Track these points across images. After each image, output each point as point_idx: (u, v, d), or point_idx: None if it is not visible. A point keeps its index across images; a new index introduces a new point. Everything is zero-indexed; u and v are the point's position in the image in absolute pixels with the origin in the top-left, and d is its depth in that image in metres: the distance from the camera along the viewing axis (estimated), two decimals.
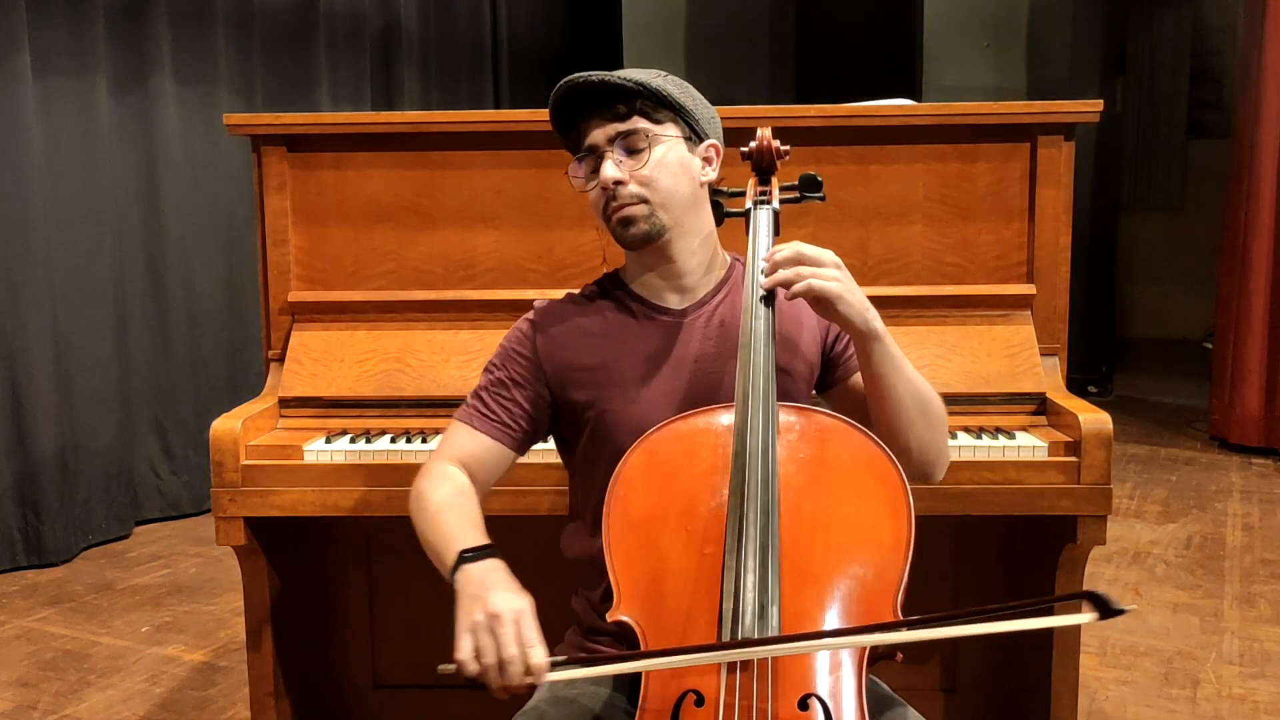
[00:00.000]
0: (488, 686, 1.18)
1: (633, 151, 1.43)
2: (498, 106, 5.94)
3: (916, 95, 5.46)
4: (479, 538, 1.33)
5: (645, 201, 1.42)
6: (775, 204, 1.50)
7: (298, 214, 2.12)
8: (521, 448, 1.51)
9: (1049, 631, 1.94)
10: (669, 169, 1.43)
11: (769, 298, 1.37)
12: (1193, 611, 3.08)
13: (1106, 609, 1.06)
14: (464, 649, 1.19)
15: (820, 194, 1.56)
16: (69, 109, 3.65)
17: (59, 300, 3.61)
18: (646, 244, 1.44)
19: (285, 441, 1.91)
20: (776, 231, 1.48)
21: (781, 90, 6.14)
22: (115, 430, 3.83)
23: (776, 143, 1.53)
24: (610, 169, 1.41)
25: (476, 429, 1.48)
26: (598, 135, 1.43)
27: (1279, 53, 4.64)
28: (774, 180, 1.53)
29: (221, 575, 3.43)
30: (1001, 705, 2.20)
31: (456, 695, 2.23)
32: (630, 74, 1.43)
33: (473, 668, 1.18)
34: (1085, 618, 1.08)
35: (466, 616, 1.21)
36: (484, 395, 1.51)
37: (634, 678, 1.23)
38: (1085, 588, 2.00)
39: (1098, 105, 2.01)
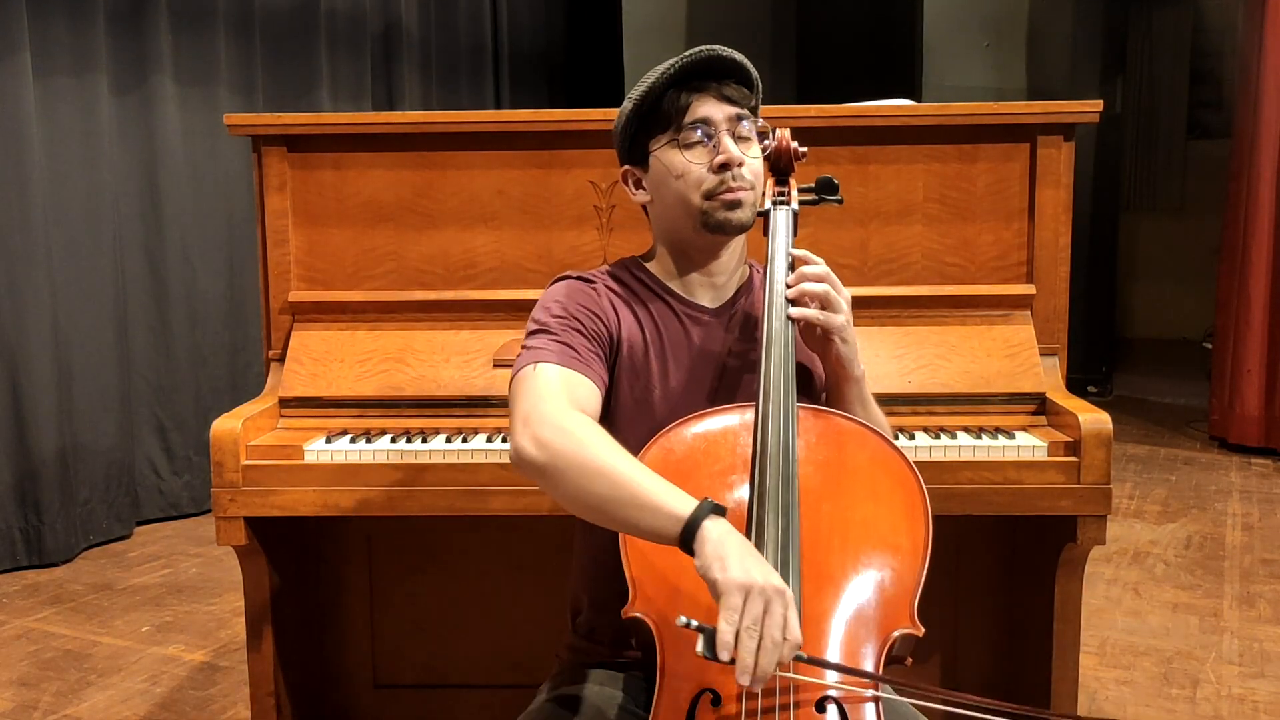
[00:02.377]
0: (738, 661, 1.03)
1: (741, 139, 1.42)
2: (498, 107, 5.94)
3: (916, 95, 5.46)
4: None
5: (751, 189, 1.42)
6: (794, 205, 1.50)
7: (298, 214, 2.12)
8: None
9: (1049, 631, 1.94)
10: (760, 165, 1.46)
11: (791, 301, 1.39)
12: (1192, 611, 3.08)
13: None
14: (733, 604, 1.04)
15: (838, 197, 1.57)
16: (70, 108, 3.65)
17: (59, 300, 3.62)
18: (737, 234, 1.45)
19: (285, 441, 1.91)
20: (795, 232, 1.48)
21: (782, 90, 6.13)
22: (116, 430, 3.83)
23: (794, 144, 1.53)
24: (734, 147, 1.40)
25: (579, 372, 1.33)
26: (715, 111, 1.41)
27: (1279, 53, 4.65)
28: (792, 181, 1.54)
29: (221, 575, 3.43)
30: None
31: (457, 695, 2.23)
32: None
33: (729, 638, 1.04)
34: None
35: (743, 575, 1.05)
36: (570, 342, 1.36)
37: (646, 677, 1.22)
38: (1085, 588, 2.00)
39: (1098, 105, 2.01)
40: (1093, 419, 1.80)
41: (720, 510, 1.14)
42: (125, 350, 3.90)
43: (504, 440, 1.88)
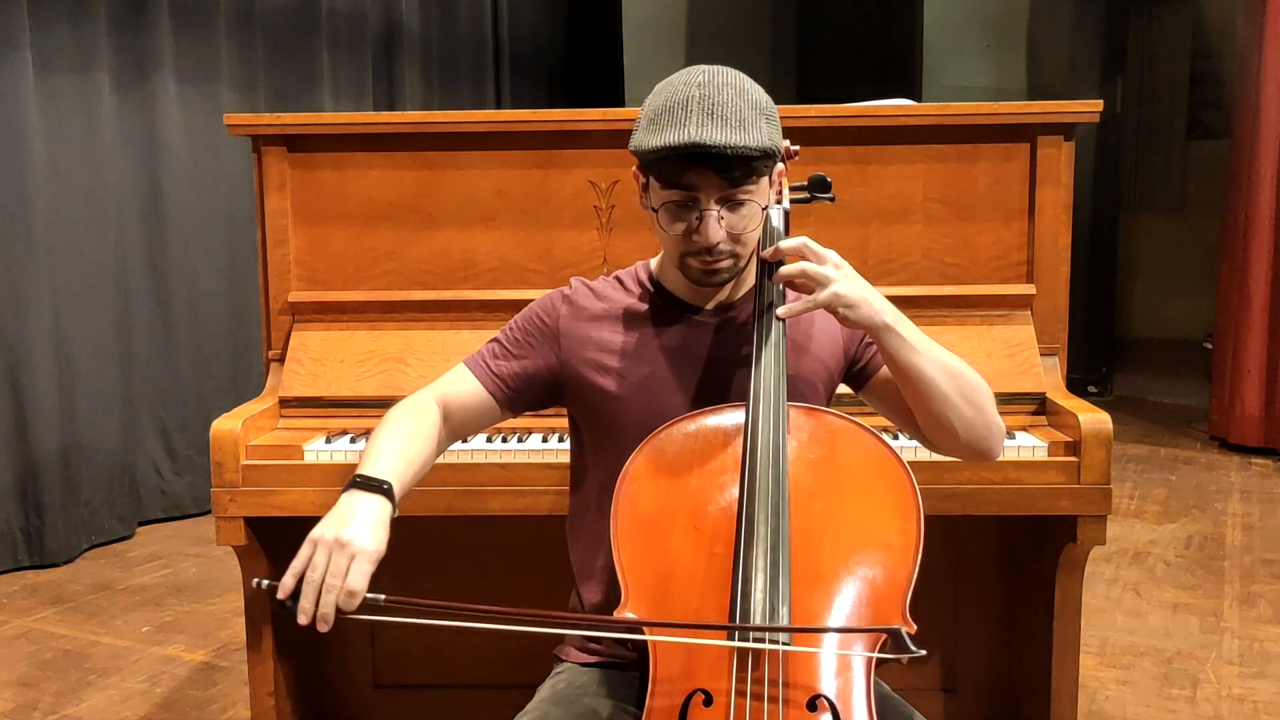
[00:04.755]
0: (298, 603, 1.25)
1: (734, 203, 1.34)
2: (498, 106, 5.94)
3: (916, 95, 5.46)
4: (389, 472, 1.32)
5: (734, 255, 1.37)
6: (786, 204, 1.50)
7: (298, 214, 2.12)
8: (511, 407, 1.51)
9: (1049, 631, 1.94)
10: (758, 218, 1.37)
11: (780, 297, 1.37)
12: (1192, 611, 3.08)
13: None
14: (300, 558, 1.24)
15: (830, 195, 1.57)
16: (71, 107, 3.65)
17: (61, 300, 3.62)
18: (720, 286, 1.43)
19: (285, 441, 1.91)
20: (787, 231, 1.48)
21: (782, 90, 6.14)
22: (118, 430, 3.83)
23: (787, 142, 1.53)
24: (715, 231, 1.33)
25: (472, 373, 1.50)
26: (704, 186, 1.32)
27: (1279, 53, 4.65)
28: (783, 179, 1.54)
29: (221, 575, 3.43)
30: (1001, 705, 2.20)
31: (457, 695, 2.23)
32: (751, 130, 1.29)
33: (289, 582, 1.24)
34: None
35: (319, 529, 1.25)
36: (495, 347, 1.52)
37: (642, 678, 1.22)
38: (1085, 588, 2.00)
39: (1098, 105, 2.02)
40: (1093, 419, 1.80)
41: (367, 484, 1.29)
42: (127, 350, 3.90)
43: (503, 441, 1.88)
